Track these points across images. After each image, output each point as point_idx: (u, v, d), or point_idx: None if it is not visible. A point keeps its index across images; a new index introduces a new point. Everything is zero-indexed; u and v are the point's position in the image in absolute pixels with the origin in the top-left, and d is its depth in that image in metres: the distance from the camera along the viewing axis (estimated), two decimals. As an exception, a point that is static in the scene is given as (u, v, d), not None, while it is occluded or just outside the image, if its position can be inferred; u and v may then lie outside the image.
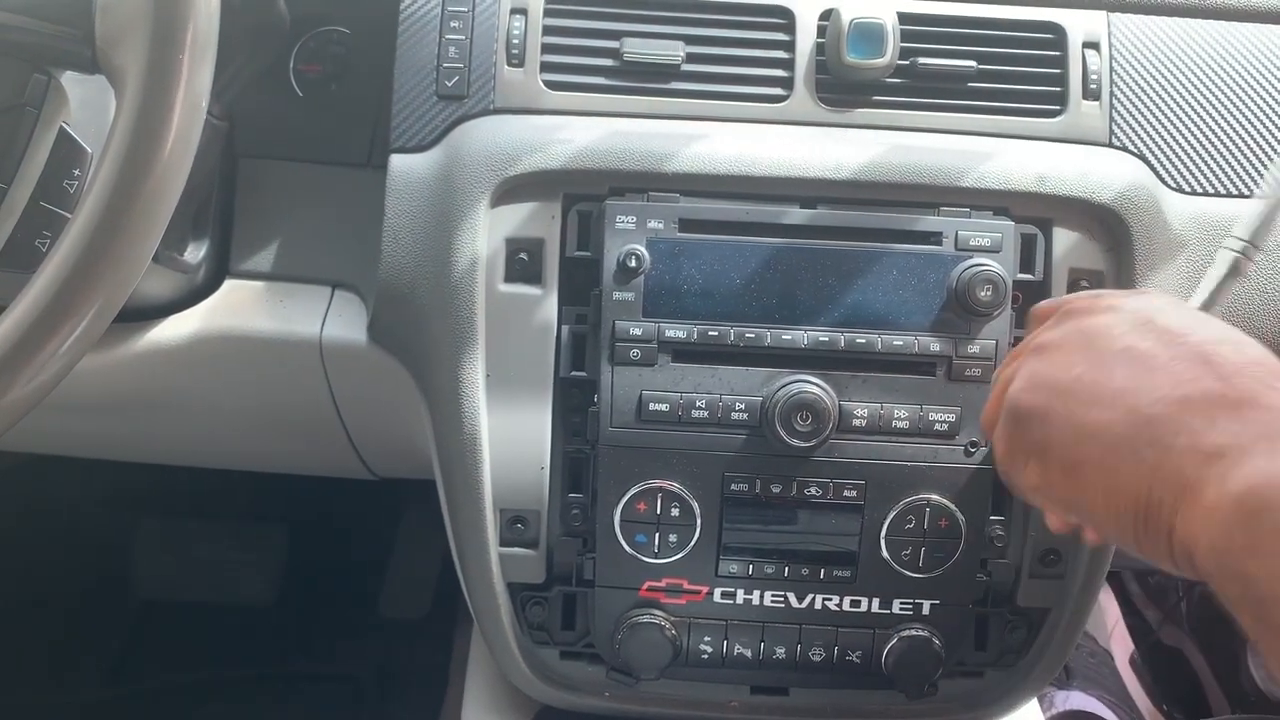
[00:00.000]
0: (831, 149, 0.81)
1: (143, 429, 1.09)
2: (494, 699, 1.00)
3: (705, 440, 0.79)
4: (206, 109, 0.58)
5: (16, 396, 0.57)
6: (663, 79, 0.85)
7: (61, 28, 0.59)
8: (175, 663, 1.64)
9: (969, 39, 0.85)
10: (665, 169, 0.80)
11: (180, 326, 0.89)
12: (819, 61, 0.84)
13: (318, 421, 0.98)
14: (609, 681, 0.86)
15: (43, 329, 0.55)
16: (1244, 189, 0.85)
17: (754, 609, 0.82)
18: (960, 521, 0.79)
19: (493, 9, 0.85)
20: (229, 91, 0.85)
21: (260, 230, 0.91)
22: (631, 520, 0.80)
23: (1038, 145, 0.84)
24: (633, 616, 0.81)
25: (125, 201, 0.55)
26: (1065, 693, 1.27)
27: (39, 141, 0.62)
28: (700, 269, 0.78)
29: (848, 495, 0.79)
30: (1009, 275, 0.77)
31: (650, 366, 0.78)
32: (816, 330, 0.78)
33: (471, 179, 0.80)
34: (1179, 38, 0.87)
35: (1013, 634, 0.86)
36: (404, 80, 0.85)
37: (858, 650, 0.82)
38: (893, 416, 0.78)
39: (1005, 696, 0.87)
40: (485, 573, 0.84)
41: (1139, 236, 0.81)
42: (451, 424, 0.82)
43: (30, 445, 1.15)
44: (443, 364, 0.81)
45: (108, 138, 0.56)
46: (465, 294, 0.80)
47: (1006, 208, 0.81)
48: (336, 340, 0.89)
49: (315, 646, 1.66)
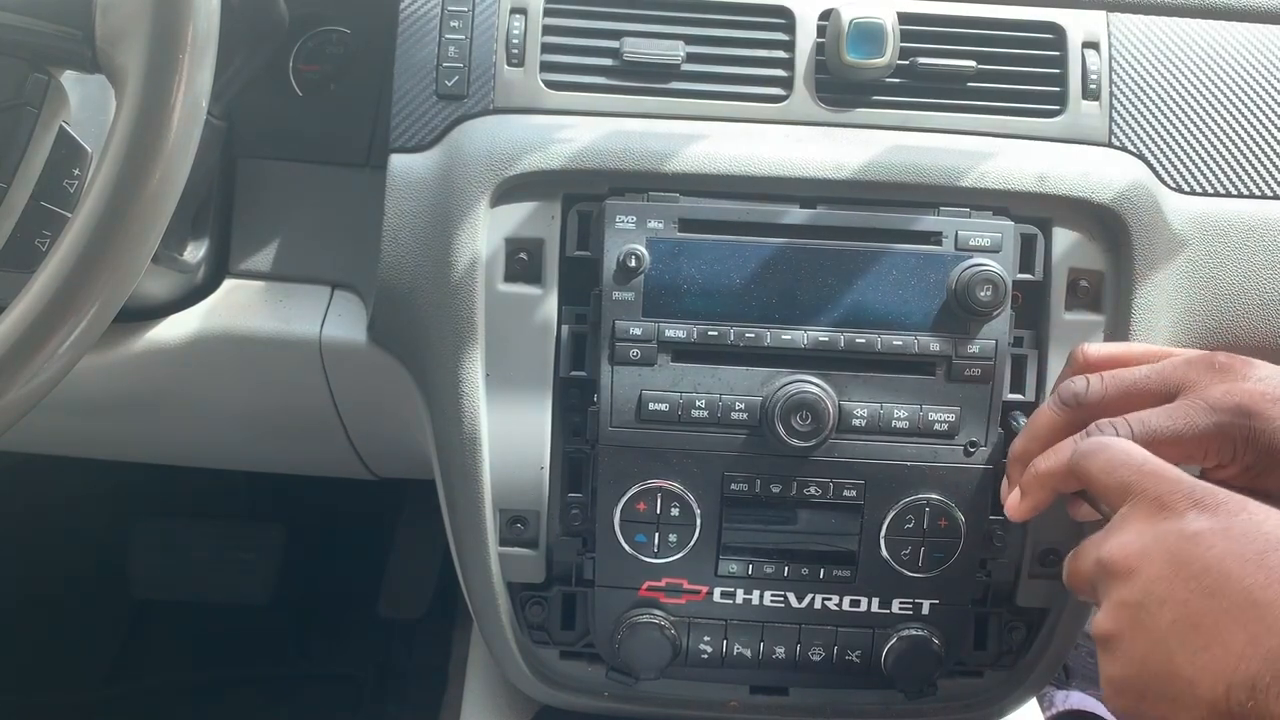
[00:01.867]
0: (831, 149, 0.81)
1: (142, 429, 1.09)
2: (494, 699, 1.00)
3: (705, 440, 0.79)
4: (206, 109, 0.58)
5: (16, 396, 0.56)
6: (663, 79, 0.85)
7: (61, 27, 0.59)
8: (174, 663, 1.64)
9: (969, 39, 0.85)
10: (665, 169, 0.80)
11: (180, 326, 0.89)
12: (819, 61, 0.84)
13: (317, 421, 0.98)
14: (608, 681, 0.86)
15: (42, 329, 0.55)
16: (1244, 189, 0.85)
17: (753, 609, 0.82)
18: (960, 521, 0.79)
19: (493, 9, 0.85)
20: (228, 91, 0.85)
21: (260, 230, 0.91)
22: (631, 520, 0.80)
23: (1037, 145, 0.84)
24: (632, 616, 0.81)
25: (125, 201, 0.55)
26: (1065, 692, 1.27)
27: (39, 141, 0.62)
28: (700, 269, 0.78)
29: (847, 495, 0.79)
30: (1009, 275, 0.77)
31: (650, 366, 0.78)
32: (816, 330, 0.78)
33: (471, 179, 0.80)
34: (1179, 38, 0.88)
35: (1012, 634, 0.86)
36: (404, 80, 0.85)
37: (857, 650, 0.82)
38: (892, 416, 0.78)
39: (1005, 696, 0.87)
40: (485, 572, 0.84)
41: (1139, 236, 0.81)
42: (451, 424, 0.82)
43: (30, 445, 1.15)
44: (442, 364, 0.81)
45: (108, 137, 0.56)
46: (465, 294, 0.80)
47: (1006, 208, 0.81)
48: (336, 340, 0.89)
49: (314, 646, 1.66)
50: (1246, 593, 0.49)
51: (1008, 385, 0.80)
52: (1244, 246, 0.84)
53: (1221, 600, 0.49)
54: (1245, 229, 0.85)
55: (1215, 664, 0.48)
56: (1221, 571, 0.50)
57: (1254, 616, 0.48)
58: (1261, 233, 0.85)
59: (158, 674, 1.63)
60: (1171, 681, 0.50)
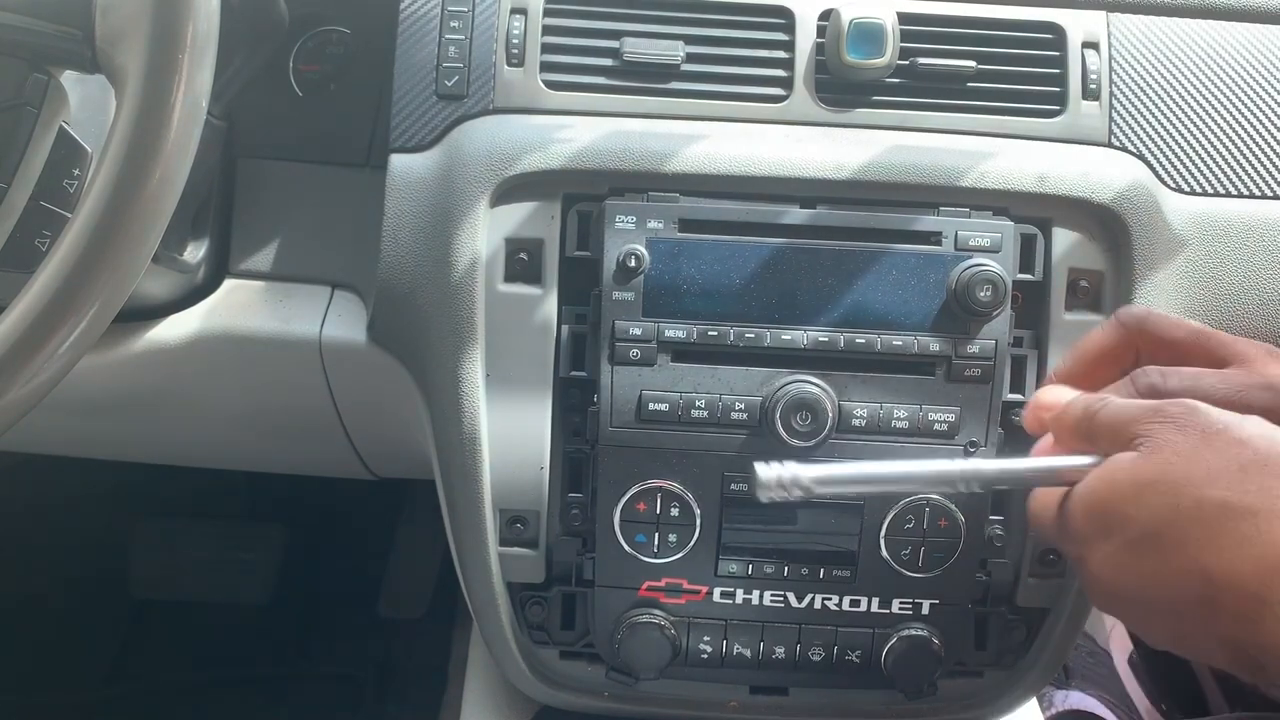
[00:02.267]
0: (831, 149, 0.81)
1: (142, 429, 1.09)
2: (493, 699, 1.00)
3: (705, 440, 0.79)
4: (206, 109, 0.58)
5: (16, 396, 0.56)
6: (663, 79, 0.85)
7: (61, 27, 0.59)
8: (174, 662, 1.64)
9: (969, 39, 0.85)
10: (665, 169, 0.80)
11: (180, 326, 0.89)
12: (819, 61, 0.84)
13: (317, 421, 0.98)
14: (608, 681, 0.86)
15: (42, 329, 0.55)
16: (1244, 189, 0.86)
17: (753, 609, 0.82)
18: (960, 521, 0.79)
19: (493, 9, 0.85)
20: (228, 91, 0.85)
21: (260, 230, 0.91)
22: (631, 520, 0.80)
23: (1037, 145, 0.84)
24: (632, 616, 0.81)
25: (125, 201, 0.55)
26: (1064, 692, 1.27)
27: (39, 141, 0.62)
28: (700, 269, 0.78)
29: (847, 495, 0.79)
30: (1009, 275, 0.77)
31: (650, 366, 0.78)
32: (816, 330, 0.78)
33: (471, 179, 0.80)
34: (1179, 38, 0.88)
35: (1012, 634, 0.86)
36: (404, 80, 0.85)
37: (857, 650, 0.82)
38: (892, 416, 0.78)
39: (1004, 696, 0.87)
40: (485, 572, 0.84)
41: (1138, 237, 0.81)
42: (451, 424, 0.82)
43: (30, 445, 1.15)
44: (442, 364, 0.81)
45: (107, 137, 0.56)
46: (465, 294, 0.80)
47: (1006, 208, 0.81)
48: (336, 340, 0.89)
49: (314, 646, 1.66)
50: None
51: (1008, 385, 0.80)
52: (1244, 246, 0.84)
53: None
54: (1245, 229, 0.85)
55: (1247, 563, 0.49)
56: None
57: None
58: (1261, 232, 0.85)
59: (158, 674, 1.62)
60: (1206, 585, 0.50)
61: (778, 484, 0.60)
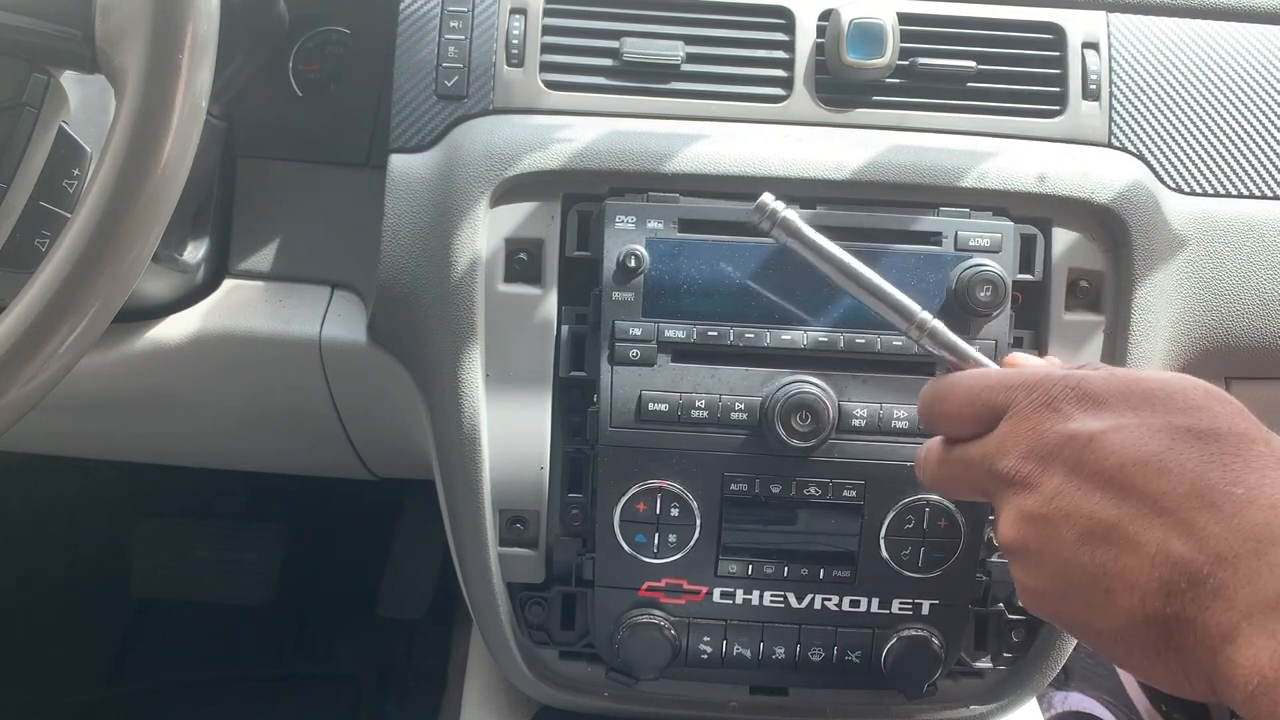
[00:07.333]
0: (831, 149, 0.81)
1: (142, 429, 1.09)
2: (493, 699, 1.00)
3: (705, 440, 0.79)
4: (206, 109, 0.58)
5: (16, 396, 0.56)
6: (663, 79, 0.85)
7: (61, 27, 0.59)
8: (174, 662, 1.64)
9: (968, 39, 0.85)
10: (665, 169, 0.80)
11: (180, 326, 0.89)
12: (819, 61, 0.85)
13: (317, 421, 0.98)
14: (608, 681, 0.86)
15: (42, 329, 0.55)
16: (1243, 189, 0.86)
17: (753, 609, 0.82)
18: (959, 521, 0.79)
19: (492, 9, 0.85)
20: (228, 91, 0.85)
21: (260, 230, 0.91)
22: (631, 520, 0.80)
23: (1037, 145, 0.84)
24: (632, 616, 0.81)
25: (125, 201, 0.55)
26: (1064, 693, 1.27)
27: (38, 141, 0.62)
28: (700, 269, 0.78)
29: (847, 495, 0.79)
30: (1008, 275, 0.77)
31: (650, 366, 0.78)
32: (816, 330, 0.78)
33: (471, 179, 0.80)
34: (1179, 38, 0.88)
35: (1012, 634, 0.86)
36: (403, 80, 0.85)
37: (857, 650, 0.82)
38: (892, 416, 0.78)
39: (1004, 696, 0.87)
40: (485, 573, 0.84)
41: (1138, 237, 0.81)
42: (451, 424, 0.82)
43: (30, 445, 1.15)
44: (442, 364, 0.81)
45: (107, 137, 0.56)
46: (465, 294, 0.80)
47: (1006, 208, 0.81)
48: (336, 340, 0.89)
49: (314, 646, 1.66)
50: (1151, 500, 0.48)
51: (1007, 385, 0.80)
52: (1243, 246, 0.84)
53: (1126, 509, 0.49)
54: (1245, 229, 0.85)
55: (1129, 573, 0.48)
56: (1124, 480, 0.49)
57: (1161, 523, 0.47)
58: (1261, 233, 0.85)
59: (158, 674, 1.62)
60: (1088, 591, 0.50)
61: (761, 211, 0.67)
